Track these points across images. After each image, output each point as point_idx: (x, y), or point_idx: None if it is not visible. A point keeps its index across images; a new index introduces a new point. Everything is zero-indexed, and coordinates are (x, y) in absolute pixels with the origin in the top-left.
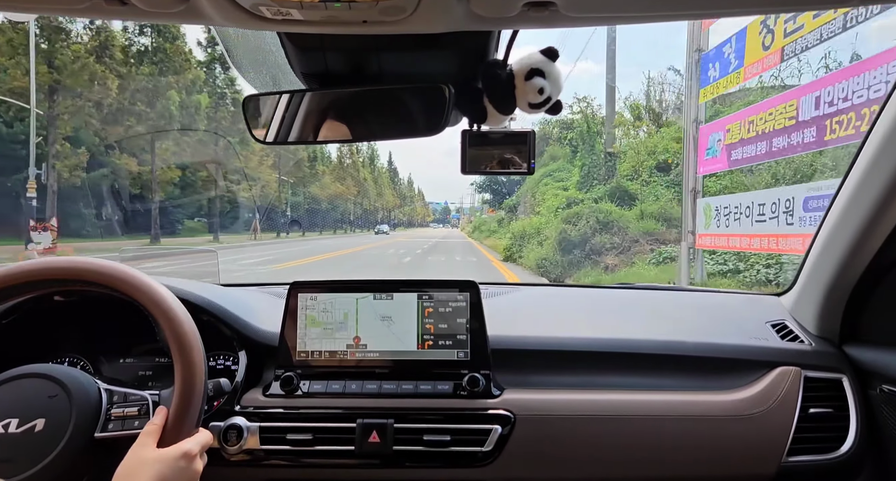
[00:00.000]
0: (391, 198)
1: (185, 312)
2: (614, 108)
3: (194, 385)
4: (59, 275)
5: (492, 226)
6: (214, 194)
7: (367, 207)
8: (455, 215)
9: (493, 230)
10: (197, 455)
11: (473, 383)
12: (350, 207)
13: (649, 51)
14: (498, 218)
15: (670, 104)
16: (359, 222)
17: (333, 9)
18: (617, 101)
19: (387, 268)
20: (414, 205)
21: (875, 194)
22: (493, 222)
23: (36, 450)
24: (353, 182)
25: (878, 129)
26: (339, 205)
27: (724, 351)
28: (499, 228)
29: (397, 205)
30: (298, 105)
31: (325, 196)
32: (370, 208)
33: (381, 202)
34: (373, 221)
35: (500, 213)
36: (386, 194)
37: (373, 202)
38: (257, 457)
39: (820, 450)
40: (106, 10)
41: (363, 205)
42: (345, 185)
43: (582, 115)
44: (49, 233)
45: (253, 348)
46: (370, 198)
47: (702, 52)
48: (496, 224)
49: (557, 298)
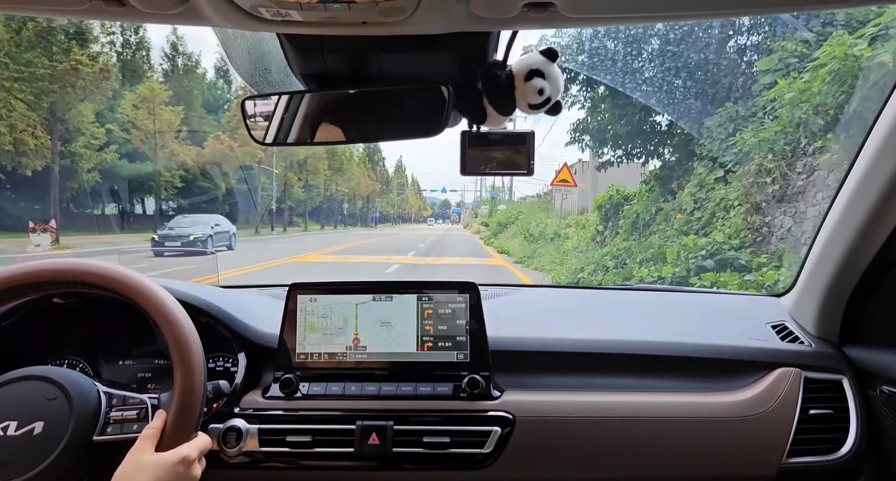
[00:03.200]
0: (365, 181)
1: (185, 315)
2: None
3: (193, 389)
4: (58, 277)
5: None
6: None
7: (335, 195)
8: (456, 209)
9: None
10: (195, 459)
11: (473, 385)
12: (299, 193)
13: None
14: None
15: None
16: (321, 214)
17: (333, 10)
18: None
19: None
20: (405, 193)
21: (875, 194)
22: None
23: (34, 453)
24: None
25: (878, 129)
26: (290, 193)
27: (723, 352)
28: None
29: (375, 191)
30: (298, 106)
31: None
32: (335, 195)
33: (347, 185)
34: (351, 215)
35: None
36: (355, 174)
37: (336, 186)
38: (256, 459)
39: (820, 451)
40: (105, 12)
41: (327, 191)
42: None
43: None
44: (49, 234)
45: (252, 350)
46: (334, 182)
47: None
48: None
49: (557, 299)
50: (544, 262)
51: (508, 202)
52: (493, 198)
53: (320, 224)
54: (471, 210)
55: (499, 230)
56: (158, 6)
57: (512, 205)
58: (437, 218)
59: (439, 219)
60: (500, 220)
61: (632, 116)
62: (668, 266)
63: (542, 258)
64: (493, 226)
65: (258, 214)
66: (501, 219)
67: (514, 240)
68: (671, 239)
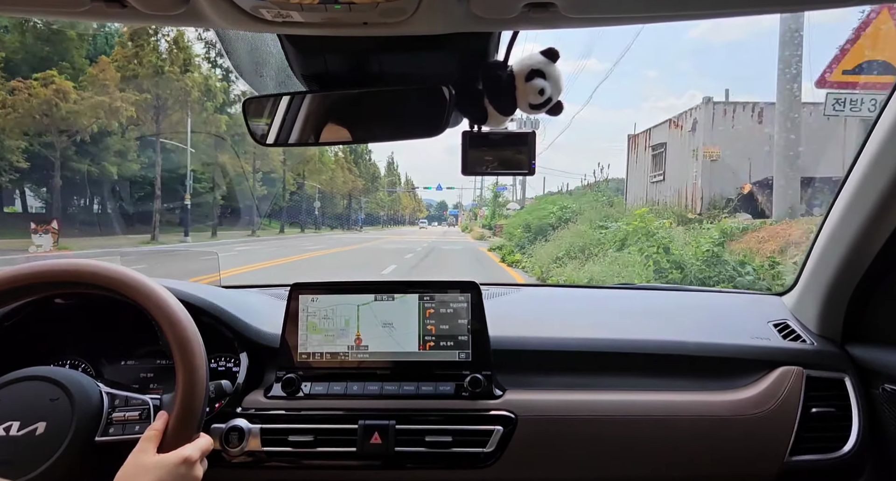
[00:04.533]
0: (342, 176)
1: (187, 315)
2: None
3: (195, 390)
4: (61, 278)
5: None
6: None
7: (305, 193)
8: (453, 211)
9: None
10: (197, 460)
11: (475, 384)
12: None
13: None
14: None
15: None
16: (284, 215)
17: (334, 11)
18: None
19: None
20: (396, 193)
21: (877, 193)
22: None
23: (36, 454)
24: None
25: (880, 128)
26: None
27: (725, 350)
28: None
29: (357, 188)
30: (299, 107)
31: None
32: (305, 193)
33: (317, 179)
34: (337, 216)
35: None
36: (328, 167)
37: (298, 180)
38: (259, 459)
39: (822, 450)
40: (106, 13)
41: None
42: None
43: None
44: (50, 235)
45: (254, 350)
46: (295, 173)
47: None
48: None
49: (558, 299)
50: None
51: (520, 200)
52: (498, 195)
53: (300, 226)
54: (468, 211)
55: (526, 238)
56: (159, 7)
57: (545, 200)
58: (431, 220)
59: (434, 222)
60: (527, 222)
61: None
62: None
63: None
64: (515, 232)
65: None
66: (531, 221)
67: (573, 266)
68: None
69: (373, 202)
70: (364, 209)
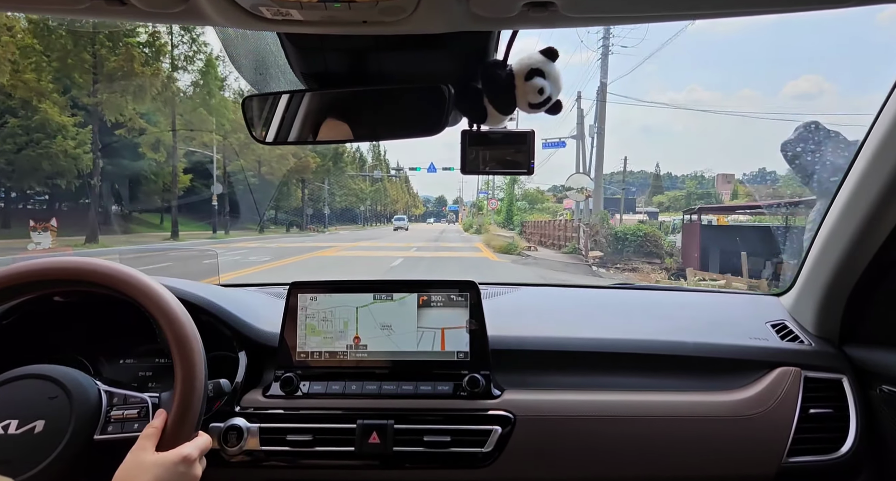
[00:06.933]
0: (282, 149)
1: (186, 314)
2: None
3: (194, 388)
4: (60, 276)
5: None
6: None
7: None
8: (452, 207)
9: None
10: (196, 459)
11: (473, 384)
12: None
13: None
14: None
15: None
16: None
17: (333, 9)
18: None
19: None
20: (373, 176)
21: (875, 193)
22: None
23: (35, 452)
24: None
25: (878, 128)
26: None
27: (723, 351)
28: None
29: (308, 168)
30: (298, 105)
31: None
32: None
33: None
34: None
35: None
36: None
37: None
38: (257, 458)
39: (820, 451)
40: (106, 11)
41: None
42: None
43: None
44: (49, 233)
45: (253, 349)
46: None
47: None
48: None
49: (557, 298)
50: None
51: (588, 171)
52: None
53: (211, 227)
54: (469, 207)
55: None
56: (159, 5)
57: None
58: (428, 216)
59: (430, 218)
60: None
61: None
62: None
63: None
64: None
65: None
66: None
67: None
68: None
69: (350, 194)
70: (338, 202)
